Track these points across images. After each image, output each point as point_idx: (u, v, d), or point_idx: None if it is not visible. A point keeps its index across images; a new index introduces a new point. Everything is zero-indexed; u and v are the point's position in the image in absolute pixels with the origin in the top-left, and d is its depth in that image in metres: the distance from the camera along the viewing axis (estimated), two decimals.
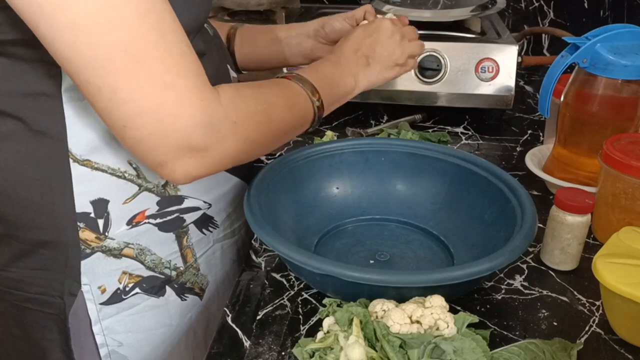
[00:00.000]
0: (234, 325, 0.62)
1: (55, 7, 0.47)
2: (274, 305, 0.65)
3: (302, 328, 0.62)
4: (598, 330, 0.61)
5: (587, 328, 0.62)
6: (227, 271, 0.79)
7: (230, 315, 0.64)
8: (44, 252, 0.63)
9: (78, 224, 0.62)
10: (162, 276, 0.70)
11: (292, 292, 0.67)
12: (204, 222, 0.73)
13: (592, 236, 0.76)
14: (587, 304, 0.65)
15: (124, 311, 0.68)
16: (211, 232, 0.74)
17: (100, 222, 0.63)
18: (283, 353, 0.58)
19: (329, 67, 0.75)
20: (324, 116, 0.72)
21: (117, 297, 0.67)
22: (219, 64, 0.73)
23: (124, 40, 0.49)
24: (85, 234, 0.63)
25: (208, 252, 0.75)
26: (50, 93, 0.57)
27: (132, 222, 0.65)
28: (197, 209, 0.71)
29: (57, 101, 0.58)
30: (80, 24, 0.48)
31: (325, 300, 0.59)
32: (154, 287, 0.69)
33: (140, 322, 0.69)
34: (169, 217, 0.68)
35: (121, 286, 0.67)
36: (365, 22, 0.85)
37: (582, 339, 0.60)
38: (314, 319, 0.63)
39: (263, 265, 0.72)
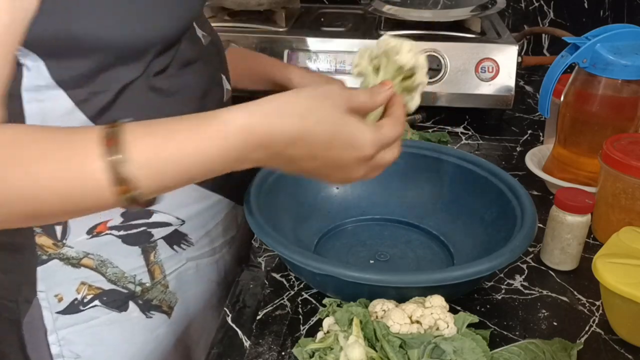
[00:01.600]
0: (234, 325, 0.62)
1: None
2: (274, 305, 0.65)
3: (302, 328, 0.62)
4: (598, 330, 0.61)
5: (587, 328, 0.62)
6: (204, 291, 0.75)
7: (230, 315, 0.64)
8: (2, 255, 0.61)
9: (35, 228, 0.59)
10: (125, 291, 0.66)
11: (292, 292, 0.67)
12: (176, 239, 0.68)
13: (592, 236, 0.76)
14: (587, 304, 0.65)
15: (82, 323, 0.65)
16: (184, 249, 0.70)
17: (58, 228, 0.60)
18: (283, 353, 0.58)
19: (210, 147, 0.45)
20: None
21: (74, 308, 0.64)
22: (212, 74, 0.69)
23: None
24: (42, 240, 0.60)
25: (180, 270, 0.70)
26: (10, 93, 0.51)
27: (93, 232, 0.62)
28: (167, 224, 0.66)
29: (18, 101, 0.55)
30: None
31: (325, 300, 0.59)
32: (115, 301, 0.66)
33: (99, 335, 0.66)
34: (134, 230, 0.64)
35: (79, 297, 0.64)
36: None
37: (582, 339, 0.60)
38: (314, 319, 0.63)
39: (263, 265, 0.72)
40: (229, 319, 0.63)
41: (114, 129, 0.44)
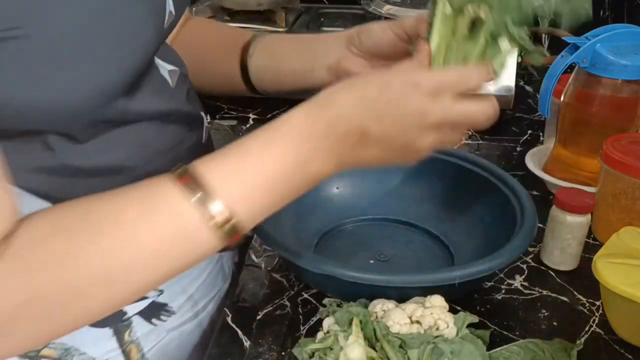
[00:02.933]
0: (234, 325, 0.62)
1: None
2: (274, 305, 0.65)
3: (302, 328, 0.62)
4: (598, 330, 0.61)
5: (587, 328, 0.62)
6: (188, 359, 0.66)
7: (230, 315, 0.64)
8: None
9: None
10: None
11: (292, 292, 0.67)
12: (154, 312, 0.59)
13: (592, 236, 0.76)
14: (587, 304, 0.65)
15: None
16: (164, 320, 0.60)
17: None
18: (283, 353, 0.58)
19: (276, 160, 0.45)
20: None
21: None
22: (185, 117, 0.59)
23: None
24: None
25: (161, 344, 0.61)
26: None
27: None
28: (142, 297, 0.57)
29: None
30: None
31: (325, 300, 0.59)
32: None
33: None
34: None
35: None
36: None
37: (582, 339, 0.60)
38: (314, 319, 0.63)
39: (263, 265, 0.72)
40: (229, 319, 0.63)
41: (182, 170, 0.43)
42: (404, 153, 0.48)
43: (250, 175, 0.44)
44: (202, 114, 0.65)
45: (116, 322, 0.56)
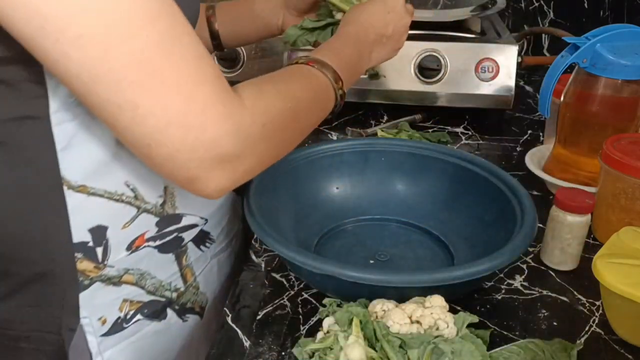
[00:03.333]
0: (234, 325, 0.62)
1: (61, 20, 0.43)
2: (274, 305, 0.65)
3: (302, 328, 0.62)
4: (598, 330, 0.61)
5: (587, 328, 0.62)
6: (223, 286, 0.76)
7: (230, 315, 0.64)
8: (38, 287, 0.59)
9: (75, 254, 0.58)
10: (163, 299, 0.66)
11: (292, 292, 0.67)
12: (202, 239, 0.70)
13: (592, 236, 0.76)
14: (587, 304, 0.65)
15: (125, 340, 0.64)
16: (208, 247, 0.71)
17: (99, 250, 0.59)
18: (283, 353, 0.58)
19: (349, 48, 0.72)
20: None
21: (118, 327, 0.63)
22: None
23: (138, 50, 0.46)
24: (84, 265, 0.59)
25: (206, 269, 0.72)
26: (36, 116, 0.52)
27: (132, 247, 0.62)
28: (194, 226, 0.68)
29: (45, 125, 0.53)
30: (89, 36, 0.44)
31: (325, 300, 0.59)
32: (155, 311, 0.66)
33: (142, 349, 0.66)
34: (168, 238, 0.65)
35: (122, 315, 0.63)
36: None
37: (582, 339, 0.60)
38: (314, 319, 0.63)
39: (263, 265, 0.72)
40: (229, 319, 0.63)
41: (303, 59, 0.66)
42: (396, 47, 0.80)
43: (341, 59, 0.69)
44: None
45: (177, 248, 0.67)
